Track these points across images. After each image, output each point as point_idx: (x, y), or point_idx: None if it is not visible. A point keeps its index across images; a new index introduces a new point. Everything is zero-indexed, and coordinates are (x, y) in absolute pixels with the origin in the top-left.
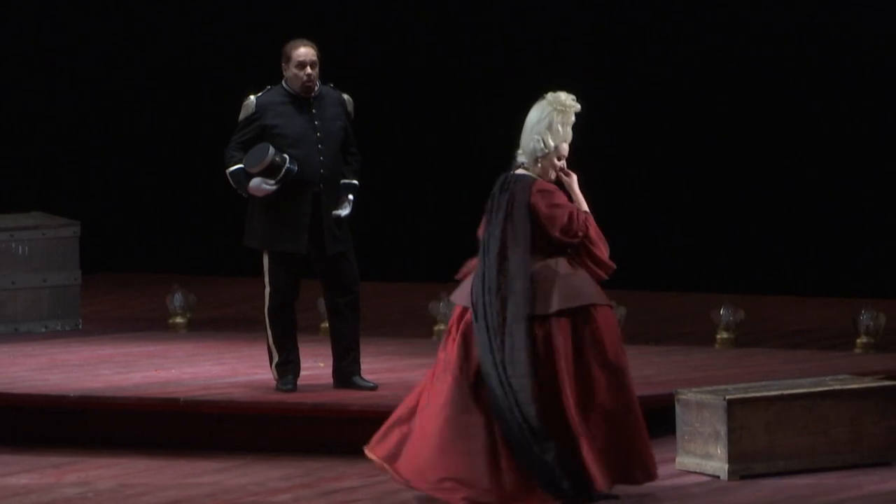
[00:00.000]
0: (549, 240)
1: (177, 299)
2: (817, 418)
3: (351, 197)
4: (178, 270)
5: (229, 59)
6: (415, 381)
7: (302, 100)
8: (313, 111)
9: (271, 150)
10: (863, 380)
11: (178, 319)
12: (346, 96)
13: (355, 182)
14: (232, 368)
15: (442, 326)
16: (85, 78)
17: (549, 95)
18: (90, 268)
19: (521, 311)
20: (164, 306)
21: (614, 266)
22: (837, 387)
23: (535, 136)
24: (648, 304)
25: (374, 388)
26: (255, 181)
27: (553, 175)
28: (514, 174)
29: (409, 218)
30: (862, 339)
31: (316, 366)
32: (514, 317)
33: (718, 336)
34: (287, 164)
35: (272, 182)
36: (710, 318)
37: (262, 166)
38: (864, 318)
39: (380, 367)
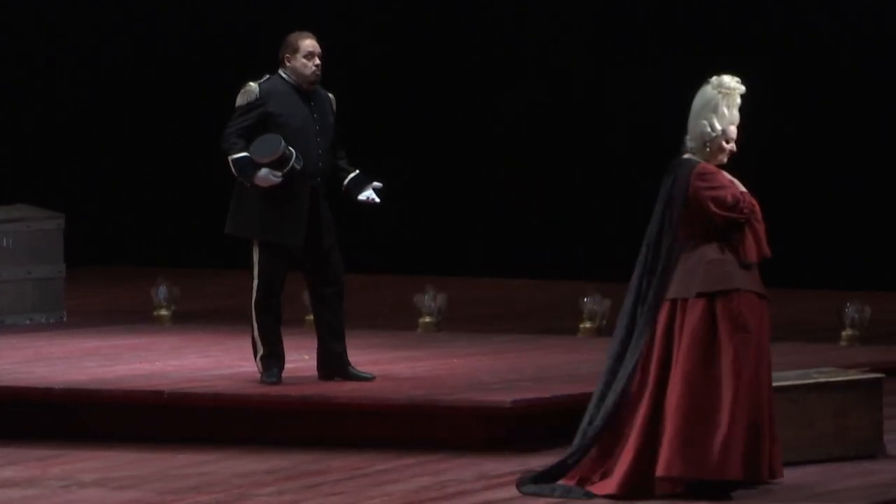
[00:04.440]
0: (708, 222)
1: (161, 292)
2: (802, 411)
3: (377, 184)
4: (162, 263)
5: (215, 54)
6: (400, 374)
7: (302, 92)
8: (312, 104)
9: (283, 141)
10: (848, 372)
11: (163, 312)
12: (331, 95)
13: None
14: (217, 361)
15: (428, 319)
16: (70, 72)
17: (714, 79)
18: (75, 260)
19: (654, 295)
20: (148, 299)
21: (769, 252)
22: (823, 379)
23: (703, 121)
24: None
25: (371, 378)
26: (263, 172)
27: (723, 158)
28: (679, 159)
29: (394, 211)
30: (847, 332)
31: (301, 359)
32: (649, 300)
33: None
34: (294, 157)
35: (279, 174)
36: None
37: (274, 157)
38: (850, 310)
39: (365, 359)
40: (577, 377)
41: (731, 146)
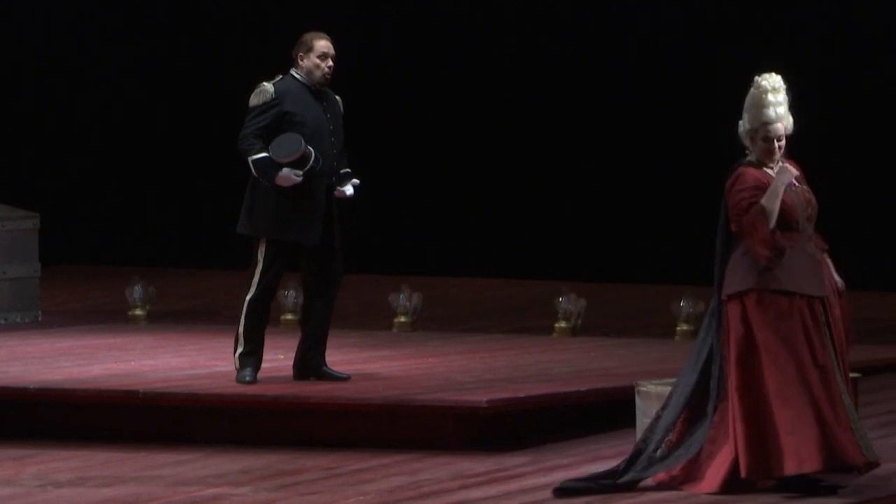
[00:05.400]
0: None
1: (136, 292)
2: None
3: (356, 181)
4: (137, 263)
5: (192, 54)
6: (375, 374)
7: (314, 91)
8: (324, 104)
9: (303, 140)
10: None
11: (138, 312)
12: (337, 97)
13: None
14: (192, 360)
15: (403, 318)
16: (45, 72)
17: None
18: (50, 260)
19: (716, 295)
20: (123, 299)
21: (764, 255)
22: None
23: (740, 121)
24: (609, 297)
25: (346, 378)
26: (285, 171)
27: (772, 157)
28: (740, 159)
29: (368, 210)
30: None
31: (276, 358)
32: (713, 300)
33: (678, 328)
34: (314, 156)
35: (300, 173)
36: (671, 311)
37: (296, 157)
38: None
39: (340, 359)
40: (552, 377)
41: (772, 144)
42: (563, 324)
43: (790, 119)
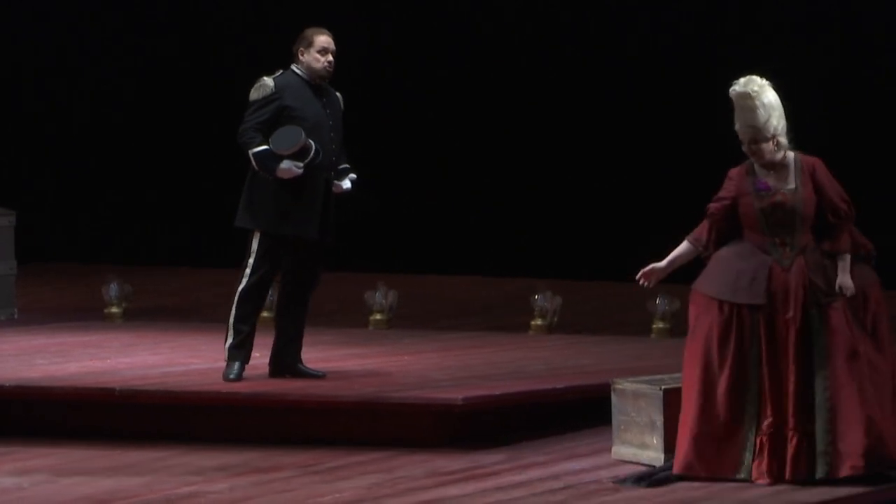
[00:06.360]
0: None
1: (112, 289)
2: None
3: (353, 176)
4: (113, 261)
5: (170, 50)
6: (351, 371)
7: (314, 87)
8: (324, 99)
9: (303, 133)
10: None
11: (114, 309)
12: (338, 94)
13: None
14: (168, 358)
15: (378, 316)
16: (19, 68)
17: None
18: (26, 257)
19: None
20: (99, 296)
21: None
22: None
23: None
24: (584, 294)
25: (322, 375)
26: (286, 163)
27: (757, 160)
28: None
29: (343, 206)
30: None
31: (252, 355)
32: None
33: (654, 326)
34: (314, 148)
35: (300, 165)
36: (646, 308)
37: (296, 148)
38: None
39: (316, 356)
40: (527, 374)
41: (747, 148)
42: (538, 321)
43: (767, 121)
